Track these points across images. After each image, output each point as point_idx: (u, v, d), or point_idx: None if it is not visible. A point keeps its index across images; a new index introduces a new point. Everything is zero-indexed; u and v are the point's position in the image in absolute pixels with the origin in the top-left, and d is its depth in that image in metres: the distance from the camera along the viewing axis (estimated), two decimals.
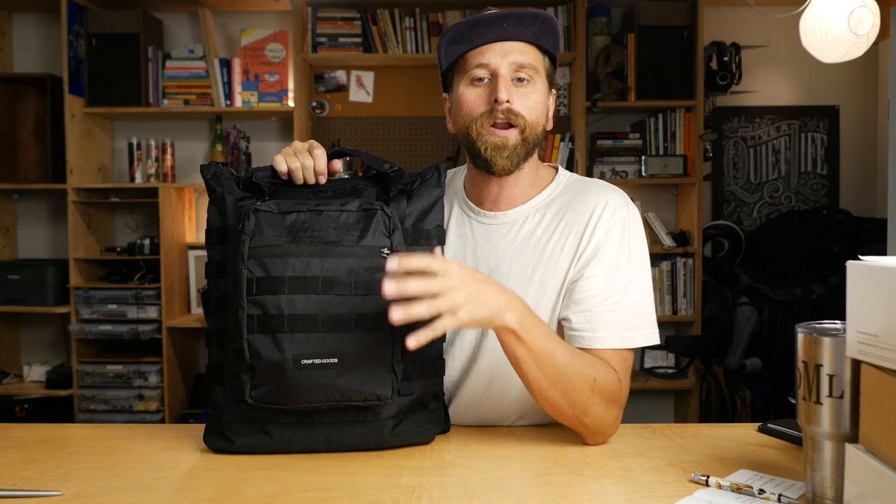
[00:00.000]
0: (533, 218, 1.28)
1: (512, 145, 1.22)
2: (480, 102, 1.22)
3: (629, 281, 1.22)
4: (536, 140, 1.25)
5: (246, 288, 1.06)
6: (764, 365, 3.28)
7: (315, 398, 1.06)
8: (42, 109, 3.43)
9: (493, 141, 1.22)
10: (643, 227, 1.29)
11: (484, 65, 1.22)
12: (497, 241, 1.29)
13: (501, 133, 1.22)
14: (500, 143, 1.22)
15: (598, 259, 1.22)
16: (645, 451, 1.13)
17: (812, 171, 3.74)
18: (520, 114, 1.21)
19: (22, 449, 1.15)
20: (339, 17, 3.44)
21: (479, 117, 1.22)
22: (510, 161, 1.23)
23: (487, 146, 1.22)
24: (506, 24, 1.21)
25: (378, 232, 1.09)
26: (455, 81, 1.27)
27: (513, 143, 1.22)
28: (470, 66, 1.23)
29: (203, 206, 3.65)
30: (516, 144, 1.22)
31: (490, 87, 1.22)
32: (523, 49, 1.22)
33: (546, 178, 1.33)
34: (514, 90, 1.22)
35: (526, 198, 1.30)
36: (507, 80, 1.21)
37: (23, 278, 3.34)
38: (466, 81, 1.24)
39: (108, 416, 3.35)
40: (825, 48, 2.60)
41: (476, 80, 1.23)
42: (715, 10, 3.58)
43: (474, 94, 1.23)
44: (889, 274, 0.77)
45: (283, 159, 1.15)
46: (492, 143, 1.22)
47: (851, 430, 0.85)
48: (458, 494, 0.96)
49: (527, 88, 1.23)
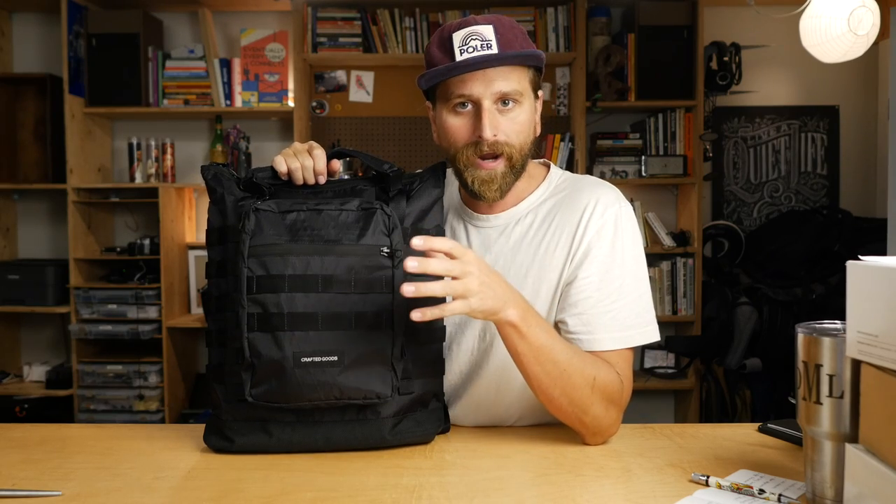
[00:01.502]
0: (525, 219, 1.28)
1: (500, 176, 1.21)
2: (464, 133, 1.20)
3: (624, 280, 1.21)
4: (525, 160, 1.24)
5: (246, 286, 1.06)
6: (764, 365, 3.28)
7: (315, 396, 1.06)
8: (42, 109, 3.44)
9: (480, 175, 1.20)
10: (637, 223, 1.28)
11: (466, 95, 1.17)
12: (490, 244, 1.29)
13: (489, 166, 1.20)
14: (487, 177, 1.20)
15: (591, 259, 1.21)
16: (645, 451, 1.13)
17: (812, 171, 3.74)
18: (506, 143, 1.19)
19: (22, 449, 1.15)
20: (339, 17, 3.44)
21: (464, 148, 1.20)
22: (500, 192, 1.22)
23: (475, 180, 1.21)
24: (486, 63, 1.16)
25: (377, 231, 1.09)
26: (438, 103, 1.23)
27: (500, 173, 1.21)
28: (451, 94, 1.19)
29: (203, 206, 3.65)
30: (504, 174, 1.21)
31: (474, 119, 1.18)
32: (507, 74, 1.17)
33: (538, 177, 1.32)
34: (500, 117, 1.19)
35: (518, 199, 1.30)
36: (492, 112, 1.18)
37: (23, 278, 3.34)
38: (449, 108, 1.20)
39: (108, 416, 3.35)
40: (825, 48, 2.60)
41: (458, 107, 1.19)
42: (715, 10, 3.58)
43: (458, 123, 1.20)
44: (889, 274, 0.77)
45: (282, 160, 1.16)
46: (479, 177, 1.21)
47: (851, 430, 0.85)
48: (458, 494, 0.96)
49: (513, 112, 1.19)
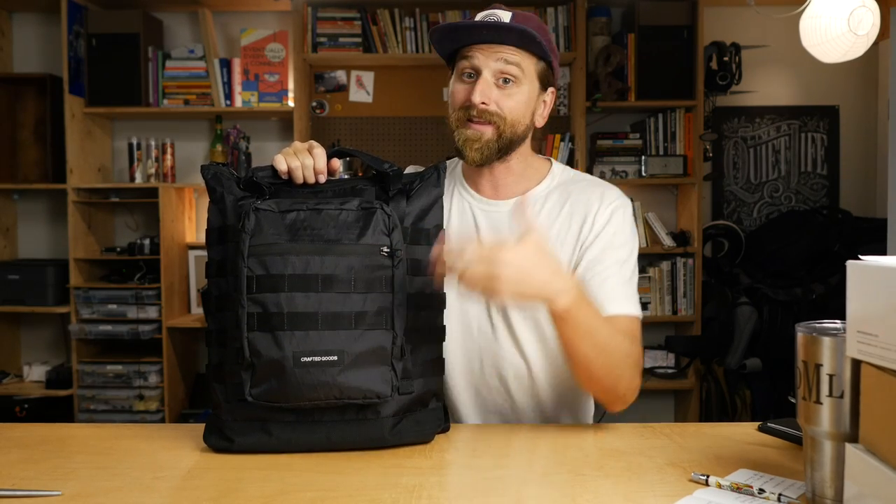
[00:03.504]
0: (533, 207, 1.35)
1: (485, 140, 1.28)
2: (461, 97, 1.30)
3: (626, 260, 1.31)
4: (516, 137, 1.31)
5: (246, 286, 1.06)
6: (764, 365, 3.28)
7: (315, 396, 1.06)
8: (42, 109, 3.43)
9: (466, 133, 1.29)
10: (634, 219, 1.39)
11: (469, 64, 1.28)
12: (501, 228, 1.34)
13: (476, 127, 1.28)
14: (473, 136, 1.28)
15: (597, 242, 1.31)
16: (645, 450, 1.13)
17: (812, 171, 3.74)
18: (496, 113, 1.27)
19: (22, 449, 1.15)
20: (339, 17, 3.44)
21: (457, 111, 1.30)
22: (480, 154, 1.29)
23: (461, 137, 1.29)
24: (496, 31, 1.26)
25: (377, 230, 1.09)
26: (453, 75, 1.34)
27: (486, 138, 1.28)
28: (461, 62, 1.30)
29: (203, 206, 3.65)
30: (489, 140, 1.28)
31: (472, 86, 1.28)
32: (512, 53, 1.27)
33: (541, 170, 1.40)
34: (496, 90, 1.27)
35: (523, 188, 1.37)
36: (489, 82, 1.27)
37: (23, 278, 3.34)
38: (458, 76, 1.31)
39: (108, 416, 3.35)
40: (825, 48, 2.60)
41: (465, 76, 1.30)
42: (715, 10, 3.58)
43: (460, 88, 1.30)
44: (889, 274, 0.77)
45: (282, 158, 1.17)
46: (465, 135, 1.29)
47: (851, 429, 0.85)
48: (458, 494, 0.96)
49: (511, 89, 1.28)
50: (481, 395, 1.36)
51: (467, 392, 1.36)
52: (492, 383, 1.35)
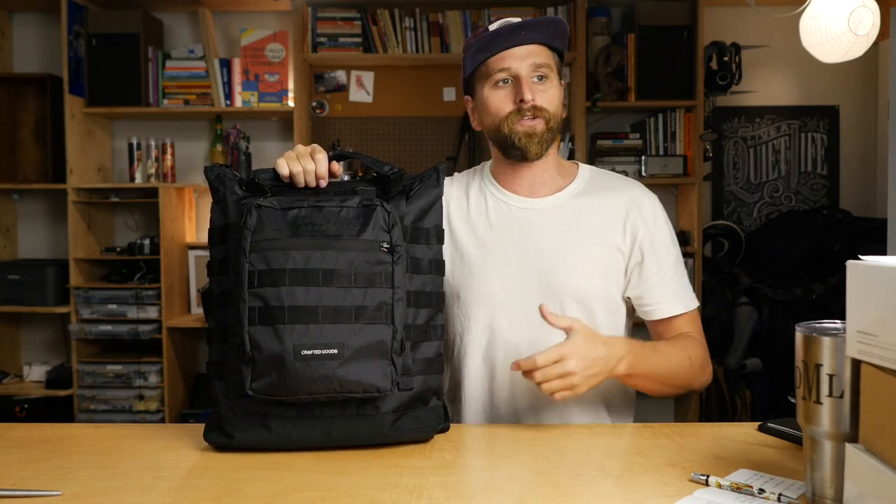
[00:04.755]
0: (572, 203, 1.43)
1: (540, 132, 1.37)
2: (507, 102, 1.37)
3: (678, 255, 1.45)
4: (559, 127, 1.41)
5: (247, 281, 1.07)
6: (764, 365, 3.28)
7: (315, 389, 1.06)
8: (42, 109, 3.43)
9: (523, 130, 1.36)
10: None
11: (506, 69, 1.36)
12: (549, 222, 1.41)
13: (530, 123, 1.36)
14: (530, 130, 1.36)
15: (654, 243, 1.41)
16: (645, 450, 1.13)
17: (812, 171, 3.74)
18: (543, 108, 1.36)
19: (22, 449, 1.15)
20: (339, 17, 3.44)
21: (509, 115, 1.37)
22: (541, 146, 1.37)
23: (520, 136, 1.36)
24: (523, 31, 1.35)
25: (378, 227, 1.10)
26: (478, 86, 1.41)
27: (541, 129, 1.37)
28: (493, 71, 1.37)
29: (203, 206, 3.65)
30: (543, 131, 1.37)
31: (515, 89, 1.36)
32: (538, 51, 1.37)
33: (571, 170, 1.49)
34: (536, 88, 1.36)
35: (557, 185, 1.45)
36: (529, 81, 1.35)
37: (23, 278, 3.34)
38: (490, 84, 1.38)
39: (108, 416, 3.34)
40: (825, 48, 2.59)
41: (500, 83, 1.37)
42: (715, 10, 3.58)
43: (499, 96, 1.37)
44: (889, 274, 0.77)
45: (285, 163, 1.17)
46: (523, 132, 1.36)
47: (851, 429, 0.85)
48: (458, 494, 0.96)
49: (545, 85, 1.37)
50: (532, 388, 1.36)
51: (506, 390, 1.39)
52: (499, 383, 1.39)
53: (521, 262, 1.39)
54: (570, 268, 1.38)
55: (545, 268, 1.38)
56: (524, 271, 1.38)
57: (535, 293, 1.37)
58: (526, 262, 1.39)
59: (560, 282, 1.37)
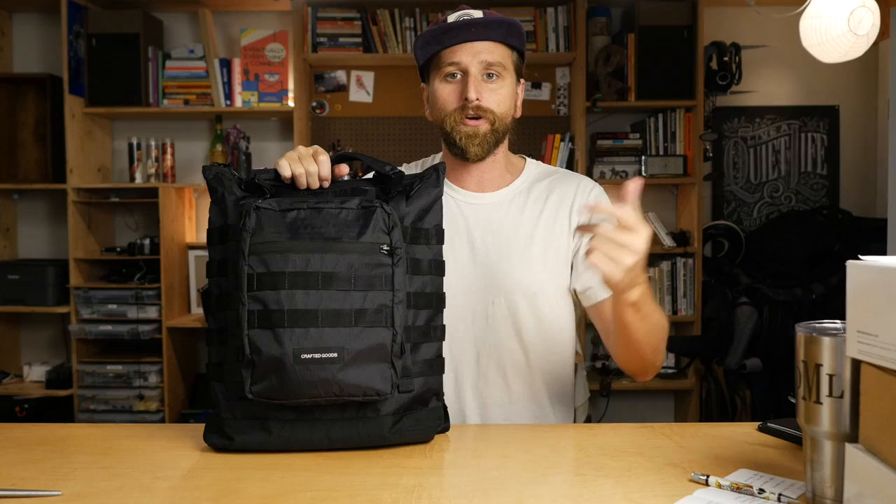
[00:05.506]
0: (519, 198, 1.43)
1: (482, 134, 1.35)
2: (453, 98, 1.36)
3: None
4: (506, 129, 1.39)
5: (247, 284, 1.06)
6: (764, 365, 3.28)
7: (315, 393, 1.06)
8: (42, 109, 3.43)
9: (465, 131, 1.35)
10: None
11: (456, 63, 1.34)
12: (494, 218, 1.41)
13: (472, 123, 1.35)
14: (471, 132, 1.35)
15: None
16: (645, 450, 1.13)
17: (812, 171, 3.74)
18: (488, 108, 1.35)
19: (22, 449, 1.15)
20: (339, 17, 3.44)
21: (453, 112, 1.36)
22: (481, 148, 1.36)
23: (461, 136, 1.36)
24: (474, 28, 1.34)
25: (377, 229, 1.10)
26: (431, 76, 1.40)
27: (483, 131, 1.35)
28: (443, 64, 1.35)
29: (203, 206, 3.65)
30: (486, 133, 1.36)
31: (461, 85, 1.35)
32: (492, 48, 1.34)
33: (519, 165, 1.49)
34: (484, 86, 1.34)
35: (505, 181, 1.45)
36: (477, 79, 1.34)
37: (23, 278, 3.34)
38: (441, 77, 1.37)
39: (108, 416, 3.35)
40: (825, 48, 2.59)
41: (449, 77, 1.36)
42: (715, 10, 3.58)
43: (447, 90, 1.36)
44: (889, 274, 0.77)
45: (287, 164, 1.16)
46: (464, 132, 1.35)
47: (851, 429, 0.85)
48: (458, 494, 0.96)
49: (496, 84, 1.35)
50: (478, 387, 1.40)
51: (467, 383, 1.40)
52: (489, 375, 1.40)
53: (468, 260, 1.39)
54: (515, 262, 1.38)
55: (491, 263, 1.38)
56: (470, 268, 1.39)
57: (482, 290, 1.38)
58: (473, 258, 1.39)
59: (506, 277, 1.38)
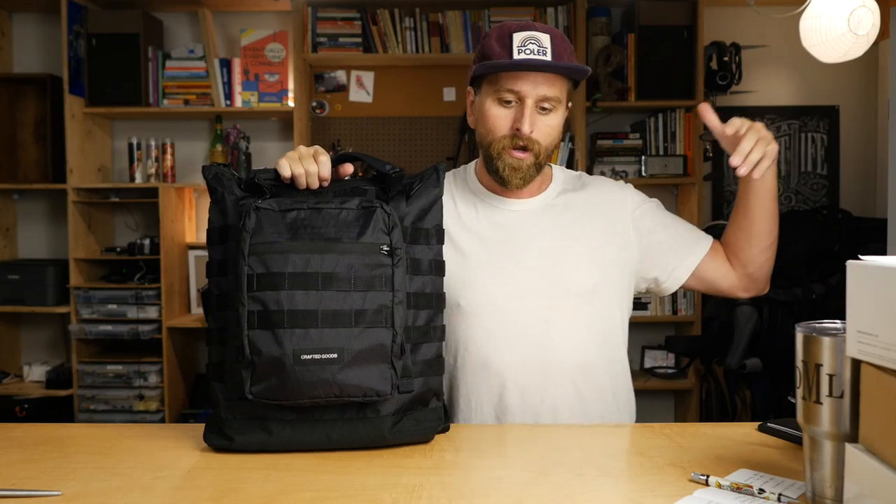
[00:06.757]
0: (558, 201, 1.44)
1: (526, 167, 1.35)
2: (504, 125, 1.34)
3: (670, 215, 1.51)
4: (547, 159, 1.39)
5: (246, 284, 1.06)
6: (764, 365, 3.27)
7: (314, 394, 1.06)
8: (42, 109, 3.43)
9: (510, 162, 1.34)
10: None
11: (515, 91, 1.31)
12: (538, 223, 1.41)
13: (519, 156, 1.34)
14: (516, 164, 1.34)
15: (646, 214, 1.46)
16: (645, 450, 1.13)
17: (812, 171, 3.74)
18: (537, 141, 1.33)
19: (22, 449, 1.15)
20: (339, 17, 3.44)
21: (501, 139, 1.34)
22: (523, 181, 1.36)
23: (505, 166, 1.35)
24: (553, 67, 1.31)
25: (377, 229, 1.10)
26: (484, 88, 1.36)
27: (527, 165, 1.35)
28: (501, 87, 1.32)
29: (203, 206, 3.65)
30: (530, 166, 1.35)
31: (515, 114, 1.33)
32: (552, 81, 1.32)
33: (548, 172, 1.48)
34: (538, 118, 1.33)
35: (539, 190, 1.45)
36: (533, 111, 1.32)
37: (23, 278, 3.34)
38: (494, 98, 1.34)
39: (108, 416, 3.34)
40: (825, 48, 2.59)
41: (504, 102, 1.33)
42: (715, 10, 3.58)
43: (501, 115, 1.34)
44: (889, 274, 0.77)
45: (287, 164, 1.16)
46: (509, 164, 1.35)
47: (851, 429, 0.85)
48: (458, 494, 0.96)
49: (549, 117, 1.34)
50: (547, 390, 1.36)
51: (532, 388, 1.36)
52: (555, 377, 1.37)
53: (518, 265, 1.38)
54: (570, 265, 1.38)
55: (545, 267, 1.37)
56: (521, 273, 1.37)
57: (536, 295, 1.36)
58: (524, 264, 1.38)
59: (562, 279, 1.37)
